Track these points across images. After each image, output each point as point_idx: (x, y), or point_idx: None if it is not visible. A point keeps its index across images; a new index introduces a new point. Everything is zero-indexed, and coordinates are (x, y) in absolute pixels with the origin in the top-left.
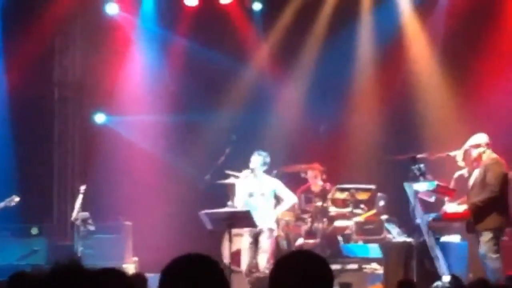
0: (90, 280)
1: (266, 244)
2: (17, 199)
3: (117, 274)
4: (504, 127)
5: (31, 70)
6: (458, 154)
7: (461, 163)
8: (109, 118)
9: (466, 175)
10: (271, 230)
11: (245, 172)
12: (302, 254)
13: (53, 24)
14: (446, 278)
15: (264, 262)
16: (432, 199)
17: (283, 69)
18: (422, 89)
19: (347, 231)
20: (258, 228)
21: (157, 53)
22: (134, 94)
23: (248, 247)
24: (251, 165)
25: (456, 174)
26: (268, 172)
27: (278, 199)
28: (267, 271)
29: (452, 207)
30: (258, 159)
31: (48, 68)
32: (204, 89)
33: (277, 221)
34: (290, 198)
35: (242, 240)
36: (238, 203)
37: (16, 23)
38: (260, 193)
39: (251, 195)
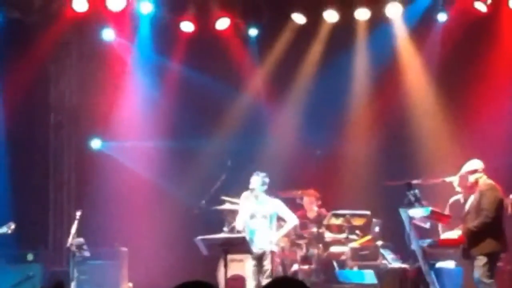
0: None
1: (268, 268)
2: (13, 226)
3: None
4: (498, 153)
5: (26, 96)
6: (455, 180)
7: (458, 188)
8: (104, 144)
9: (462, 200)
10: (273, 253)
11: (246, 194)
12: (284, 281)
13: (49, 49)
14: None
15: None
16: (427, 225)
17: (278, 95)
18: (417, 115)
19: (343, 257)
20: (261, 251)
21: (153, 79)
22: (130, 120)
23: (252, 270)
24: (251, 185)
25: (451, 200)
26: (267, 194)
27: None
28: None
29: (447, 233)
30: (257, 180)
31: (43, 93)
32: (199, 115)
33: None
34: (291, 220)
35: (245, 264)
36: (239, 224)
37: (12, 48)
38: (262, 215)
39: (252, 216)
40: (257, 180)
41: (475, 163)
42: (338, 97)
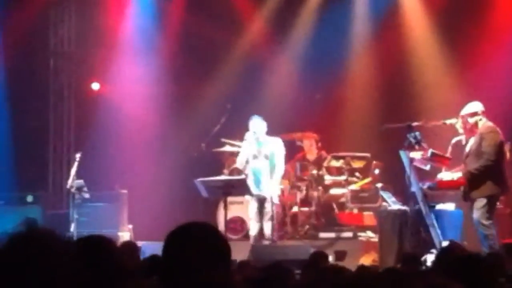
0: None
1: (271, 211)
2: None
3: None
4: (499, 97)
5: (26, 41)
6: (458, 121)
7: (460, 130)
8: (104, 87)
9: (464, 142)
10: (275, 196)
11: (248, 134)
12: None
13: None
14: (444, 245)
15: (269, 230)
16: (427, 167)
17: (278, 39)
18: (417, 58)
19: (342, 199)
20: (263, 194)
21: (152, 22)
22: (130, 63)
23: (255, 212)
24: (251, 128)
25: (454, 140)
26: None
27: None
28: (272, 238)
29: (447, 175)
30: (255, 122)
31: (43, 38)
32: (199, 58)
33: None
34: (279, 170)
35: (248, 206)
36: (239, 163)
37: None
38: (264, 155)
39: (254, 157)
40: (256, 123)
41: (475, 105)
42: (338, 40)
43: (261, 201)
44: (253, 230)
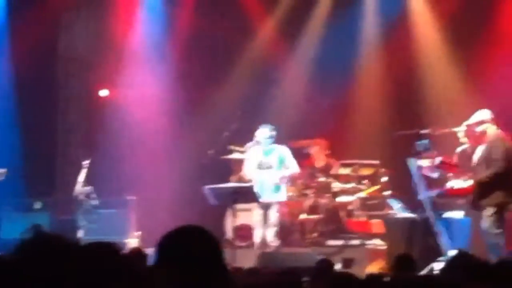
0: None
1: (274, 217)
2: (2, 170)
3: (109, 249)
4: (508, 104)
5: (36, 45)
6: (460, 130)
7: (463, 139)
8: (113, 92)
9: (469, 150)
10: (279, 203)
11: (250, 145)
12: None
13: None
14: (452, 253)
15: (271, 236)
16: (436, 175)
17: (288, 43)
18: (426, 65)
19: (350, 207)
20: (267, 201)
21: (162, 27)
22: (139, 69)
23: (259, 220)
24: (257, 138)
25: (459, 149)
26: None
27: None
28: (274, 245)
29: (457, 183)
30: (264, 132)
31: (53, 42)
32: (208, 63)
33: None
34: (293, 168)
35: (253, 213)
36: (247, 174)
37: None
38: (267, 166)
39: (259, 167)
40: (264, 133)
41: (483, 114)
42: (348, 47)
43: (265, 209)
44: (257, 237)
